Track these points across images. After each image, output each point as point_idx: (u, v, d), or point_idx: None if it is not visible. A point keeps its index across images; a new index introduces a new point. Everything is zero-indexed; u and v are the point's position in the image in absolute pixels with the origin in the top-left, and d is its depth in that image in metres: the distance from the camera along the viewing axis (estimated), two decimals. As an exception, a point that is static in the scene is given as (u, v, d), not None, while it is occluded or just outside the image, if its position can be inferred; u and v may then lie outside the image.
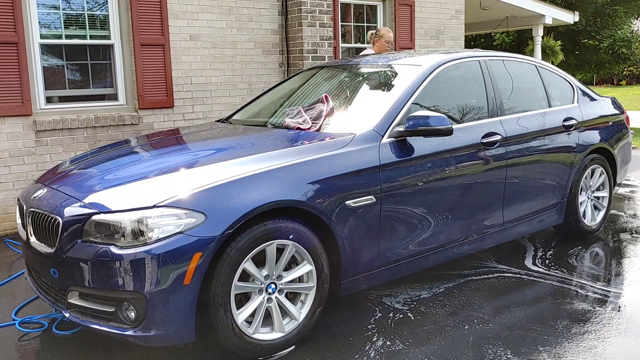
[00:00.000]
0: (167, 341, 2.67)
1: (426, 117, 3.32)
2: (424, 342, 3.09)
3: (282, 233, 2.86)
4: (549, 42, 15.28)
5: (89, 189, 2.96)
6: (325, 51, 7.01)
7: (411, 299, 3.67)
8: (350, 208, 3.11)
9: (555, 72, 4.85)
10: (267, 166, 2.94)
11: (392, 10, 8.10)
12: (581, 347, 3.00)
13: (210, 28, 6.42)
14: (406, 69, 3.94)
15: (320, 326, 3.25)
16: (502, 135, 3.97)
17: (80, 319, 2.77)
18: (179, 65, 6.22)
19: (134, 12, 5.83)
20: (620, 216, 5.63)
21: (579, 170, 4.62)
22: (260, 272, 2.86)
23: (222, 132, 3.93)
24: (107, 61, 5.92)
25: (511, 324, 3.29)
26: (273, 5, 6.90)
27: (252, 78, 6.80)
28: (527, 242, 4.83)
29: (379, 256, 3.33)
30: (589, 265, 4.28)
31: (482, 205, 3.88)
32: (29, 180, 5.32)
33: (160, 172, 2.98)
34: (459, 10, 9.00)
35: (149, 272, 2.56)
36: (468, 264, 4.26)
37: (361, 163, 3.20)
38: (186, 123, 6.29)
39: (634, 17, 18.29)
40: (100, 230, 2.68)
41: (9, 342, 3.18)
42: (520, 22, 12.88)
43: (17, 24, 5.20)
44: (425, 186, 3.48)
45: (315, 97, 3.99)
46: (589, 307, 3.50)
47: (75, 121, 5.53)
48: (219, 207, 2.69)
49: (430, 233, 3.58)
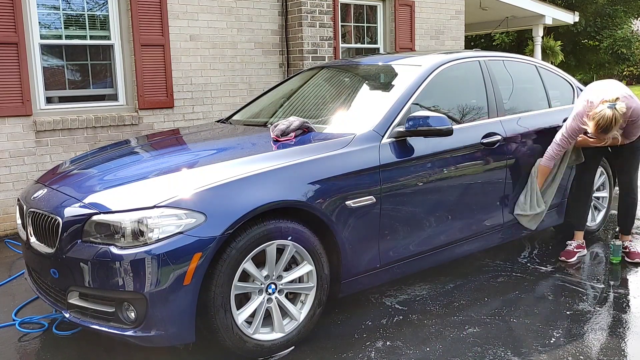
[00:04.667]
0: (167, 341, 2.67)
1: (426, 118, 3.32)
2: (424, 342, 3.09)
3: (282, 233, 2.86)
4: (548, 43, 15.28)
5: (89, 189, 2.96)
6: (325, 51, 7.01)
7: (411, 299, 3.67)
8: (350, 208, 3.11)
9: (555, 73, 4.85)
10: (267, 166, 2.94)
11: (392, 10, 8.10)
12: (581, 347, 3.00)
13: (210, 28, 6.43)
14: (406, 69, 3.94)
15: (321, 326, 3.25)
16: (502, 135, 3.97)
17: (80, 319, 2.77)
18: (179, 65, 6.22)
19: (134, 13, 5.83)
20: (620, 216, 5.63)
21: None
22: (261, 273, 2.86)
23: (222, 132, 3.93)
24: (107, 61, 5.92)
25: (511, 324, 3.29)
26: (273, 5, 6.90)
27: (252, 78, 6.80)
28: (528, 242, 4.83)
29: (379, 256, 3.33)
30: (589, 265, 4.28)
31: (482, 205, 3.88)
32: (29, 180, 5.32)
33: (160, 172, 2.98)
34: (459, 11, 9.01)
35: (149, 273, 2.56)
36: (468, 264, 4.26)
37: (361, 163, 3.20)
38: (186, 123, 6.29)
39: (634, 17, 18.31)
40: (100, 230, 2.68)
41: (9, 343, 3.18)
42: (520, 23, 12.88)
43: (17, 24, 5.20)
44: (425, 186, 3.48)
45: (315, 97, 4.00)
46: (589, 308, 3.50)
47: (76, 121, 5.53)
48: (219, 208, 2.69)
49: (431, 233, 3.58)
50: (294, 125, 3.37)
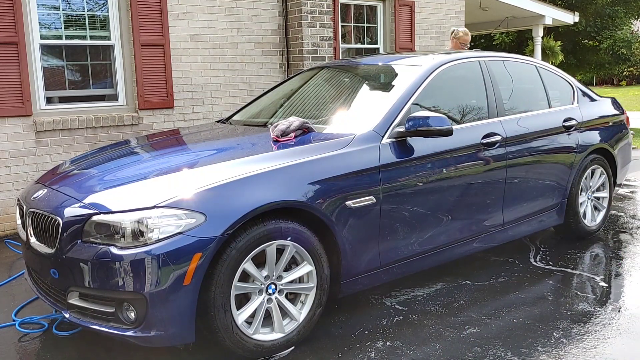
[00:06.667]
0: (167, 341, 2.67)
1: (426, 118, 3.32)
2: (424, 342, 3.09)
3: (282, 233, 2.86)
4: (549, 43, 15.26)
5: (89, 189, 2.96)
6: (325, 52, 7.01)
7: (411, 299, 3.67)
8: (350, 208, 3.11)
9: (555, 73, 4.85)
10: (267, 167, 2.94)
11: (392, 10, 8.10)
12: (581, 348, 3.00)
13: (210, 28, 6.43)
14: (406, 70, 3.93)
15: (321, 327, 3.24)
16: (502, 135, 3.97)
17: (80, 319, 2.77)
18: (179, 65, 6.22)
19: (134, 13, 5.83)
20: (620, 217, 5.63)
21: (579, 170, 4.61)
22: (260, 273, 2.86)
23: (222, 132, 3.92)
24: (107, 62, 5.92)
25: (511, 324, 3.29)
26: (273, 5, 6.90)
27: (252, 78, 6.80)
28: (528, 242, 4.83)
29: (379, 257, 3.33)
30: (589, 265, 4.28)
31: (482, 205, 3.88)
32: (29, 180, 5.32)
33: (160, 172, 2.98)
34: (459, 11, 9.00)
35: (149, 273, 2.56)
36: (468, 264, 4.26)
37: (361, 163, 3.20)
38: (186, 123, 6.29)
39: (634, 18, 18.28)
40: (100, 230, 2.68)
41: (9, 343, 3.18)
42: (520, 23, 12.87)
43: (17, 24, 5.20)
44: (426, 186, 3.48)
45: (315, 97, 3.99)
46: (589, 308, 3.50)
47: (76, 122, 5.53)
48: (219, 208, 2.69)
49: (431, 233, 3.58)
50: (294, 125, 3.37)
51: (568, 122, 4.54)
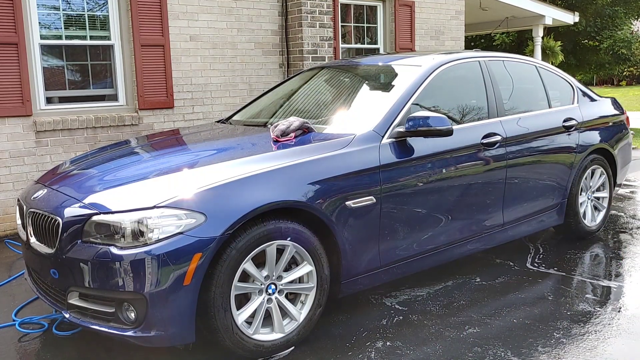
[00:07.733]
0: (167, 342, 2.67)
1: (426, 118, 3.32)
2: (424, 342, 3.08)
3: (282, 233, 2.86)
4: (549, 43, 15.26)
5: (89, 189, 2.96)
6: (325, 52, 7.01)
7: (411, 299, 3.67)
8: (350, 209, 3.11)
9: (555, 73, 4.85)
10: (267, 167, 2.94)
11: (392, 10, 8.10)
12: (581, 348, 3.00)
13: (210, 29, 6.43)
14: (406, 70, 3.93)
15: (321, 327, 3.24)
16: (502, 135, 3.97)
17: (80, 319, 2.77)
18: (179, 65, 6.22)
19: (134, 13, 5.83)
20: (620, 217, 5.63)
21: (579, 170, 4.61)
22: (260, 273, 2.86)
23: (222, 132, 3.92)
24: (107, 62, 5.92)
25: (511, 324, 3.29)
26: (273, 5, 6.90)
27: (252, 79, 6.80)
28: (528, 242, 4.83)
29: (379, 257, 3.33)
30: (589, 265, 4.28)
31: (482, 205, 3.88)
32: (29, 180, 5.32)
33: (160, 172, 2.98)
34: (459, 11, 9.00)
35: (149, 273, 2.56)
36: (468, 264, 4.26)
37: (361, 163, 3.20)
38: (186, 124, 6.29)
39: (634, 18, 18.28)
40: (100, 230, 2.68)
41: (9, 343, 3.18)
42: (520, 23, 12.87)
43: (17, 24, 5.20)
44: (426, 187, 3.48)
45: (315, 97, 3.99)
46: (589, 308, 3.50)
47: (76, 122, 5.53)
48: (219, 208, 2.69)
49: (431, 233, 3.58)
50: (294, 125, 3.37)
51: (568, 122, 4.54)
